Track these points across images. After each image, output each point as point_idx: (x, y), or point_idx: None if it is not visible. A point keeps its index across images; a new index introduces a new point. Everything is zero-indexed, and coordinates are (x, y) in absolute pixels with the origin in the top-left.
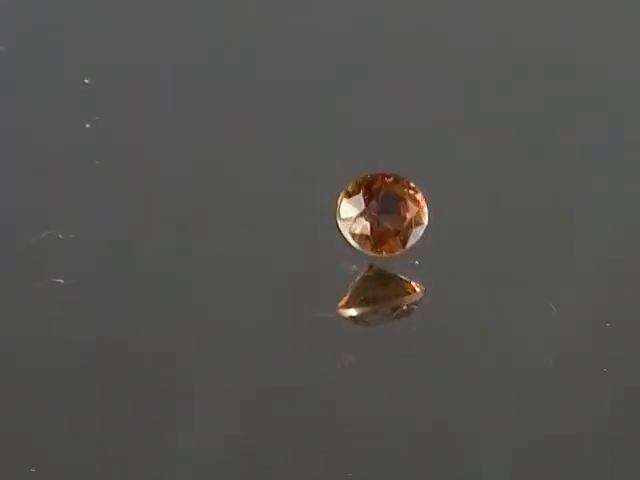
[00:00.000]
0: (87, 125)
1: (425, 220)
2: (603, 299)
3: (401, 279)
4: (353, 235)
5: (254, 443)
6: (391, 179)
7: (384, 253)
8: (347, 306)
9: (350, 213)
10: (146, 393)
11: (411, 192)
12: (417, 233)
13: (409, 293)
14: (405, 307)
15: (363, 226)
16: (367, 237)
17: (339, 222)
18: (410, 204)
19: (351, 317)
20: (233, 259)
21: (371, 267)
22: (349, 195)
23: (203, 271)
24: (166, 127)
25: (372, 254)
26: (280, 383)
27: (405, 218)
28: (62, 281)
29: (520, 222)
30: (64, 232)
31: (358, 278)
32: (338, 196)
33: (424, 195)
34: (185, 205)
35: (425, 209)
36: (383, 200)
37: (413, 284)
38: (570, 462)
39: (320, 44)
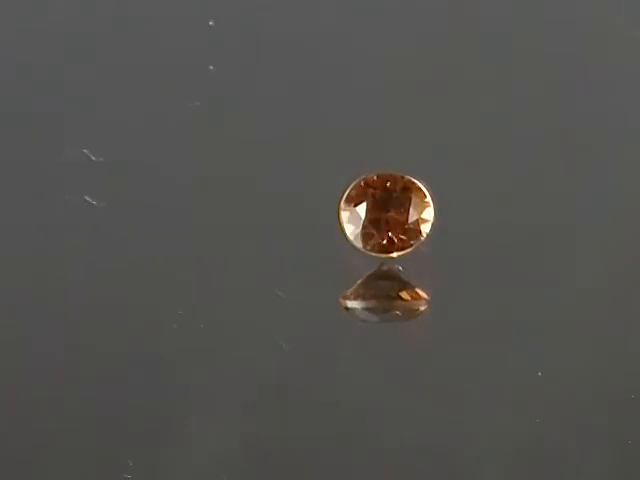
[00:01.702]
0: (210, 68)
1: (428, 226)
2: (605, 306)
3: (409, 283)
4: (352, 231)
5: (253, 443)
6: (399, 181)
7: (380, 253)
8: (347, 297)
9: (352, 211)
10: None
11: (419, 196)
12: (419, 238)
13: (412, 299)
14: (399, 311)
15: (361, 223)
16: (365, 235)
17: (341, 215)
18: (413, 209)
19: (346, 308)
20: (235, 257)
21: (381, 266)
22: (353, 192)
23: (203, 270)
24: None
25: (368, 252)
26: (279, 382)
27: (406, 222)
28: (94, 202)
29: (523, 227)
30: (96, 154)
31: (368, 274)
32: (342, 193)
33: (434, 201)
34: (185, 205)
35: (430, 215)
36: (384, 201)
37: (419, 291)
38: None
39: (321, 44)
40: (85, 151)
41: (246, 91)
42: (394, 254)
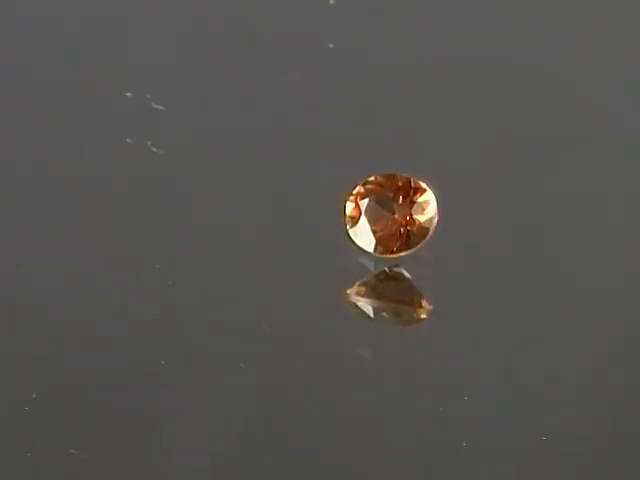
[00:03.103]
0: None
1: (431, 228)
2: (606, 307)
3: (415, 289)
4: (354, 231)
5: (253, 443)
6: (403, 182)
7: (382, 254)
8: (352, 292)
9: (354, 210)
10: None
11: (423, 197)
12: (418, 240)
13: (415, 305)
14: (399, 315)
15: (364, 223)
16: (367, 235)
17: (343, 214)
18: (417, 210)
19: (348, 302)
20: (238, 258)
21: (391, 267)
22: (357, 191)
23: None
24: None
25: (370, 253)
26: (278, 382)
27: (409, 223)
28: (159, 151)
29: (525, 230)
30: (157, 101)
31: (376, 273)
32: (345, 192)
33: (438, 202)
34: (185, 206)
35: (433, 217)
36: (388, 201)
37: (423, 300)
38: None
39: (324, 44)
40: (148, 96)
41: (243, 92)
42: (396, 255)
